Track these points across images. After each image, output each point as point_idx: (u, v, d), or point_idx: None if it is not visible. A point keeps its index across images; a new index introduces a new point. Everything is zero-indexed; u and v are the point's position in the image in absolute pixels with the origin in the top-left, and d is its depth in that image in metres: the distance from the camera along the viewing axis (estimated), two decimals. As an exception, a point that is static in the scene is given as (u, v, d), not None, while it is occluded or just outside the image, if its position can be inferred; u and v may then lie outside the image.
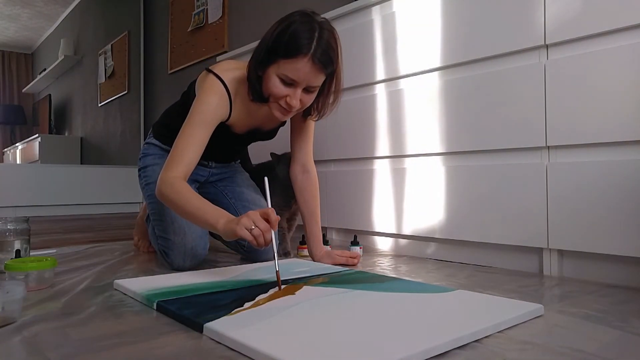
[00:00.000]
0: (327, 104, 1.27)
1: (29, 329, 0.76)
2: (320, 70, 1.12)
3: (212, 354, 0.66)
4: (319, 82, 1.16)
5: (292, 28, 1.10)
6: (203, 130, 1.19)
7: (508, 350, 0.67)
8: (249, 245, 1.35)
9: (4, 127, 6.82)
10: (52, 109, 6.02)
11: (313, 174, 1.45)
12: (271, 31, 1.15)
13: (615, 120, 1.11)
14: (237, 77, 1.24)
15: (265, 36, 1.17)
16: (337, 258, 1.37)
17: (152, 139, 1.48)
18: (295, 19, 1.12)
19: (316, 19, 1.14)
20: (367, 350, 0.63)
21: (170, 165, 1.16)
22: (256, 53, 1.17)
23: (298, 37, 1.09)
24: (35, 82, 6.50)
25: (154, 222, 1.35)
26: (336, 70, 1.18)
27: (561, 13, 1.20)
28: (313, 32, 1.10)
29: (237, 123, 1.30)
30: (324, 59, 1.11)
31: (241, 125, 1.32)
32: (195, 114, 1.19)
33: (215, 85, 1.21)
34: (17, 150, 5.95)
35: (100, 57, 4.84)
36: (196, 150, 1.18)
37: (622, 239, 1.10)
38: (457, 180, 1.43)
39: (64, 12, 5.81)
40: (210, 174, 1.51)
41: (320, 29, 1.12)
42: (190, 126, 1.18)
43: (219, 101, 1.20)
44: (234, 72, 1.24)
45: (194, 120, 1.19)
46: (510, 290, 1.04)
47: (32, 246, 1.42)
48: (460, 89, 1.43)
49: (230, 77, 1.22)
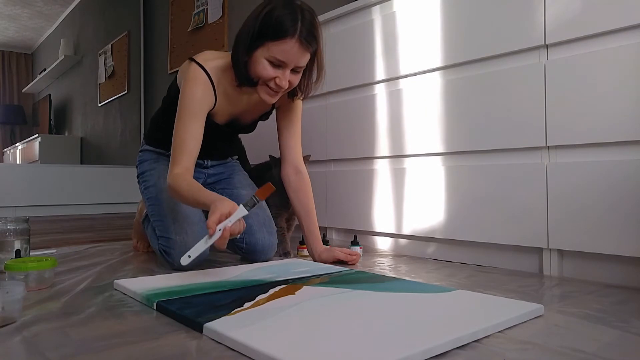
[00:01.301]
0: (310, 83, 1.31)
1: (29, 329, 0.76)
2: (307, 49, 1.18)
3: (212, 354, 0.66)
4: (305, 62, 1.21)
5: (276, 12, 1.14)
6: (195, 122, 1.23)
7: (508, 350, 0.67)
8: (247, 247, 1.37)
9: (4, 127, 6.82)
10: (52, 109, 6.03)
11: (305, 173, 1.46)
12: (254, 16, 1.18)
13: (615, 120, 1.11)
14: (219, 66, 1.27)
15: (247, 22, 1.20)
16: (337, 253, 1.37)
17: (145, 146, 1.51)
18: (276, 3, 1.16)
19: (295, 1, 1.18)
20: (367, 350, 0.63)
21: (172, 163, 1.21)
22: (241, 39, 1.21)
23: (284, 19, 1.14)
24: (35, 82, 6.50)
25: (154, 223, 1.35)
26: (318, 49, 1.23)
27: (561, 13, 1.20)
28: (296, 13, 1.15)
29: (218, 112, 1.33)
30: (309, 39, 1.17)
31: (222, 114, 1.34)
32: (183, 107, 1.23)
33: (198, 75, 1.24)
34: (17, 150, 5.95)
35: (100, 57, 4.84)
36: (193, 142, 1.22)
37: (622, 239, 1.10)
38: (457, 180, 1.43)
39: (64, 12, 5.81)
40: (207, 175, 1.51)
41: (301, 10, 1.17)
42: (182, 120, 1.23)
43: (204, 90, 1.24)
44: (216, 61, 1.28)
45: (183, 114, 1.23)
46: (510, 290, 1.04)
47: (32, 246, 1.42)
48: (460, 89, 1.43)
49: (212, 66, 1.26)
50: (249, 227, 1.38)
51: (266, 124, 1.53)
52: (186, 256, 1.05)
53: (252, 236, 1.38)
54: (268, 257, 1.41)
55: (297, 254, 1.54)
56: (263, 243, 1.38)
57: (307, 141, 1.89)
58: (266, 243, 1.39)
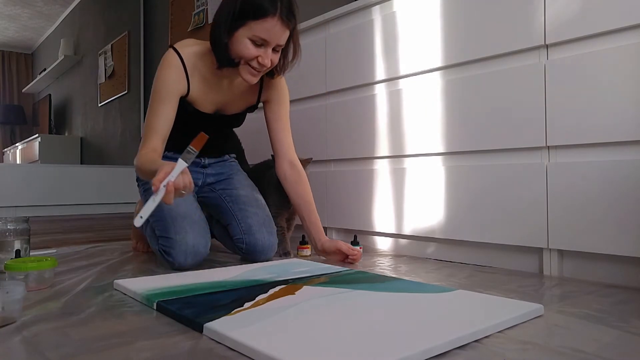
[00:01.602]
0: (287, 62, 1.34)
1: (29, 329, 0.76)
2: (287, 27, 1.21)
3: (212, 354, 0.66)
4: (285, 39, 1.24)
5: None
6: (164, 105, 1.27)
7: (508, 350, 0.67)
8: (247, 247, 1.38)
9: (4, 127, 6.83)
10: (52, 109, 6.03)
11: (300, 166, 1.47)
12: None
13: (615, 120, 1.11)
14: (196, 52, 1.31)
15: (226, 2, 1.21)
16: (340, 244, 1.38)
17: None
18: None
19: None
20: (367, 350, 0.63)
21: (141, 144, 1.28)
22: (221, 20, 1.22)
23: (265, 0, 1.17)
24: (35, 82, 6.50)
25: (154, 224, 1.35)
26: (295, 26, 1.27)
27: (561, 13, 1.20)
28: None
29: (199, 99, 1.35)
30: (290, 16, 1.20)
31: (204, 102, 1.36)
32: (154, 91, 1.29)
33: (170, 58, 1.28)
34: (17, 150, 5.95)
35: (100, 57, 4.84)
36: (161, 124, 1.27)
37: (622, 239, 1.10)
38: (457, 180, 1.43)
39: (64, 12, 5.81)
40: (206, 176, 1.52)
41: None
42: (152, 104, 1.28)
43: (175, 74, 1.28)
44: (193, 47, 1.31)
45: (153, 98, 1.29)
46: (510, 290, 1.04)
47: (32, 246, 1.42)
48: (460, 89, 1.43)
49: (188, 51, 1.30)
50: (248, 227, 1.39)
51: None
52: (138, 217, 1.05)
53: (252, 236, 1.38)
54: (268, 257, 1.41)
55: (297, 254, 1.54)
56: (263, 243, 1.38)
57: (307, 141, 1.89)
58: (266, 243, 1.39)
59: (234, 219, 1.41)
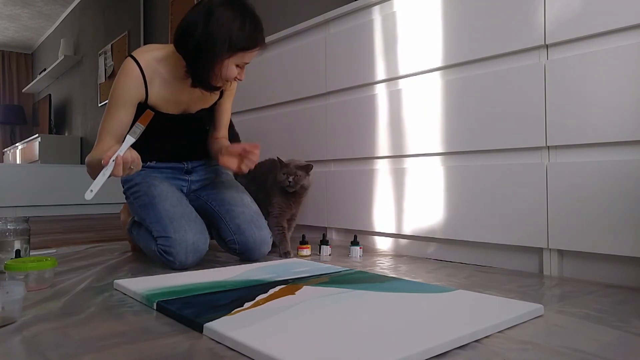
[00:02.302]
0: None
1: (29, 329, 0.76)
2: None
3: (212, 354, 0.66)
4: None
5: (246, 26, 1.25)
6: (119, 111, 1.32)
7: (508, 350, 0.67)
8: (240, 246, 1.40)
9: (4, 127, 6.83)
10: (52, 109, 6.03)
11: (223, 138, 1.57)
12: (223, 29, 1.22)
13: (615, 120, 1.11)
14: (156, 57, 1.34)
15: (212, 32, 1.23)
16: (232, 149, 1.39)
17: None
18: (238, 15, 1.24)
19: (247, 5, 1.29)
20: (367, 350, 0.63)
21: (96, 144, 1.33)
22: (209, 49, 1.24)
23: (253, 31, 1.26)
24: (35, 82, 6.50)
25: (151, 226, 1.34)
26: None
27: (561, 13, 1.20)
28: (259, 23, 1.29)
29: (161, 103, 1.37)
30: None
31: (167, 104, 1.39)
32: (110, 98, 1.33)
33: (128, 67, 1.32)
34: (17, 150, 5.95)
35: (100, 57, 4.84)
36: (115, 127, 1.32)
37: (622, 239, 1.10)
38: (457, 180, 1.43)
39: (64, 12, 5.81)
40: (191, 182, 1.54)
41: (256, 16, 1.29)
42: (108, 110, 1.33)
43: (131, 82, 1.31)
44: (153, 52, 1.35)
45: (110, 103, 1.33)
46: (510, 290, 1.04)
47: (32, 246, 1.42)
48: (460, 89, 1.43)
49: (147, 58, 1.33)
50: (237, 227, 1.41)
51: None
52: (88, 191, 1.12)
53: (242, 235, 1.40)
54: (263, 251, 1.42)
55: (297, 254, 1.54)
56: (254, 239, 1.40)
57: (307, 141, 1.89)
58: (257, 239, 1.40)
59: (222, 221, 1.43)
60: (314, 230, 1.91)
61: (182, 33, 1.28)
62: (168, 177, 1.49)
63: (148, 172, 1.45)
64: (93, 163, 1.25)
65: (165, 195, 1.37)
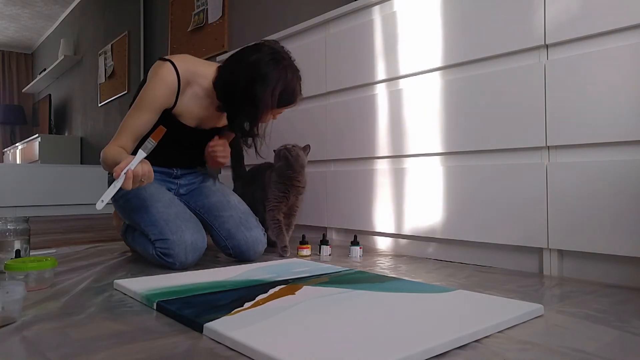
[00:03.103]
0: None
1: (29, 329, 0.76)
2: None
3: (212, 354, 0.66)
4: None
5: (290, 86, 1.30)
6: (145, 113, 1.32)
7: (508, 350, 0.67)
8: (234, 250, 1.42)
9: (4, 127, 6.83)
10: (52, 109, 6.03)
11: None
12: (268, 90, 1.27)
13: (615, 120, 1.11)
14: (195, 72, 1.36)
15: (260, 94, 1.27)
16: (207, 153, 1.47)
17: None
18: (286, 74, 1.29)
19: (294, 67, 1.33)
20: (367, 350, 0.63)
21: (114, 138, 1.33)
22: (253, 106, 1.29)
23: (295, 89, 1.33)
24: (35, 82, 6.50)
25: (146, 229, 1.33)
26: None
27: (561, 13, 1.20)
28: (300, 77, 1.35)
29: (184, 113, 1.39)
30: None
31: (188, 115, 1.40)
32: (140, 98, 1.33)
33: (165, 72, 1.32)
34: (17, 150, 5.95)
35: (100, 57, 4.84)
36: (137, 129, 1.32)
37: (622, 239, 1.10)
38: (457, 180, 1.43)
39: (64, 12, 5.81)
40: (179, 186, 1.54)
41: (298, 72, 1.34)
42: (135, 109, 1.33)
43: (164, 89, 1.32)
44: (193, 65, 1.36)
45: (138, 103, 1.33)
46: (510, 290, 1.04)
47: (32, 246, 1.42)
48: (460, 89, 1.43)
49: (186, 68, 1.34)
50: (227, 232, 1.42)
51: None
52: (99, 201, 1.16)
53: (233, 239, 1.41)
54: (258, 250, 1.42)
55: (297, 254, 1.54)
56: (246, 241, 1.40)
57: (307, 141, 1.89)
58: (249, 240, 1.40)
59: (212, 229, 1.45)
60: (314, 230, 1.91)
61: (225, 83, 1.32)
62: (156, 179, 1.48)
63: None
64: (107, 161, 1.28)
65: (156, 196, 1.37)
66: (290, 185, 1.56)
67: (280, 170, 1.57)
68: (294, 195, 1.58)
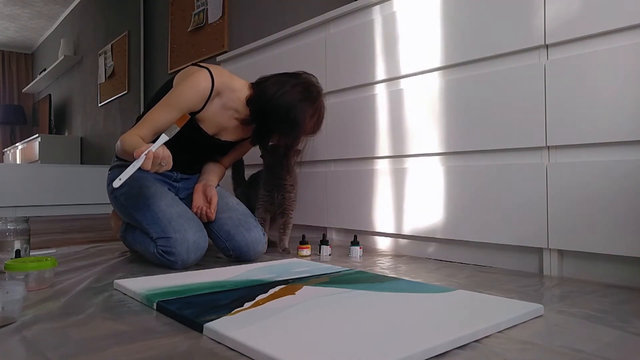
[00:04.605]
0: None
1: (29, 329, 0.76)
2: None
3: (212, 354, 0.66)
4: None
5: (318, 119, 1.45)
6: (172, 113, 1.34)
7: (508, 350, 0.67)
8: (234, 252, 1.42)
9: (4, 127, 6.82)
10: (52, 109, 6.02)
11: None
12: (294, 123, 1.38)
13: (615, 120, 1.11)
14: (230, 86, 1.42)
15: (290, 130, 1.40)
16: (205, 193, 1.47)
17: (116, 162, 1.55)
18: (317, 104, 1.44)
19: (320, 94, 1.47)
20: (367, 350, 0.63)
21: (135, 127, 1.36)
22: (281, 137, 1.46)
23: (322, 121, 1.49)
24: (35, 82, 6.49)
25: (148, 228, 1.34)
26: None
27: (561, 13, 1.20)
28: (324, 109, 1.49)
29: (206, 120, 1.42)
30: None
31: (210, 122, 1.43)
32: (170, 97, 1.36)
33: (201, 79, 1.36)
34: (17, 150, 5.95)
35: (100, 57, 4.84)
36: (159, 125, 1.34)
37: (622, 239, 1.10)
38: (457, 180, 1.43)
39: (64, 12, 5.81)
40: (178, 190, 1.55)
41: (323, 104, 1.48)
42: (163, 103, 1.36)
43: (197, 95, 1.36)
44: (229, 79, 1.43)
45: (167, 101, 1.36)
46: (510, 290, 1.04)
47: (32, 246, 1.42)
48: (460, 89, 1.43)
49: (221, 80, 1.40)
50: (226, 234, 1.42)
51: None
52: (117, 179, 1.16)
53: (233, 240, 1.41)
54: (258, 250, 1.43)
55: (297, 254, 1.54)
56: (245, 242, 1.40)
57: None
58: (248, 240, 1.41)
59: (212, 232, 1.45)
60: (314, 230, 1.91)
61: (260, 112, 1.40)
62: (157, 179, 1.49)
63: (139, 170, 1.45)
64: (125, 145, 1.28)
65: (159, 195, 1.37)
66: (275, 185, 1.58)
67: (266, 168, 1.60)
68: (280, 193, 1.58)
